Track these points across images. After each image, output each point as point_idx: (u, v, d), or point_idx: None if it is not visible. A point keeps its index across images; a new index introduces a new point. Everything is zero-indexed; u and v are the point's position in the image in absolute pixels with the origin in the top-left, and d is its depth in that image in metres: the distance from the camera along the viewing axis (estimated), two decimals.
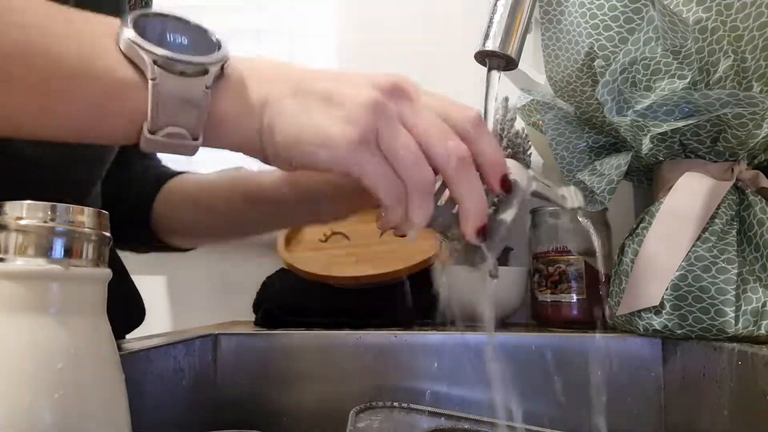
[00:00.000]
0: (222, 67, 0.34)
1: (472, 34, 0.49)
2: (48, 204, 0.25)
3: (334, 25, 1.02)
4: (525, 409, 0.58)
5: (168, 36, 0.33)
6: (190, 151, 0.34)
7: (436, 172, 0.35)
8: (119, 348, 0.28)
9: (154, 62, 0.31)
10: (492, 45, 0.45)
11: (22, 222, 0.25)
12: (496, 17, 0.46)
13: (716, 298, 0.55)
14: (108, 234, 0.27)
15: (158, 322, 0.93)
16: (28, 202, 0.25)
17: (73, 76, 0.31)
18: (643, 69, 0.59)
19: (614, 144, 0.69)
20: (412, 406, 0.56)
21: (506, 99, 0.84)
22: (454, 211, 0.37)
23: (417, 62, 0.98)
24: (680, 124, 0.57)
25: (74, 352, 0.25)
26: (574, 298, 0.74)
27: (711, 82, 0.57)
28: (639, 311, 0.59)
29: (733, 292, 0.55)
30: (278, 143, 0.34)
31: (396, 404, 0.56)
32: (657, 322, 0.58)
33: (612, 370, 0.61)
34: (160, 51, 0.31)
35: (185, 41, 0.33)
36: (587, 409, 0.60)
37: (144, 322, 0.61)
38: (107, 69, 0.31)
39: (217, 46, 0.34)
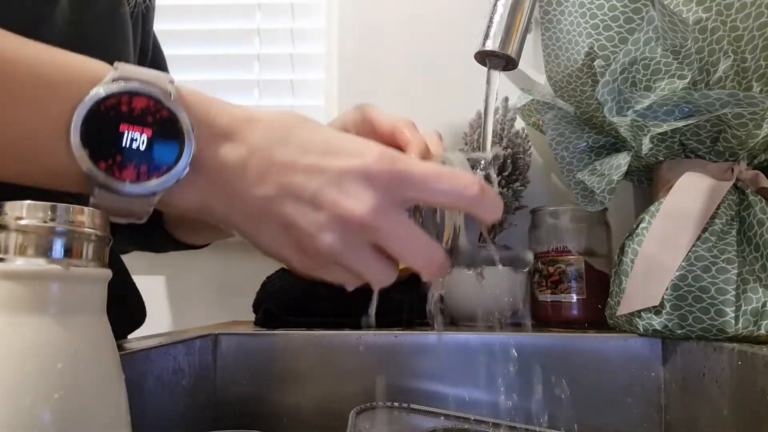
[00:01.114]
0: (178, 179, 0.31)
1: (472, 35, 0.49)
2: (48, 204, 0.25)
3: (334, 25, 1.02)
4: (525, 409, 0.58)
5: (123, 138, 0.29)
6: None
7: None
8: (119, 348, 0.28)
9: (97, 184, 0.29)
10: (492, 45, 0.45)
11: (22, 222, 0.25)
12: (496, 17, 0.46)
13: (716, 298, 0.55)
14: (108, 234, 0.27)
15: (158, 322, 0.93)
16: (28, 202, 0.25)
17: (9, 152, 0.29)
18: (643, 69, 0.59)
19: (614, 144, 0.69)
20: (413, 406, 0.56)
21: (506, 99, 0.84)
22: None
23: (417, 62, 0.98)
24: (680, 124, 0.57)
25: (74, 352, 0.25)
26: (574, 298, 0.74)
27: (711, 82, 0.57)
28: (639, 311, 0.59)
29: (733, 292, 0.55)
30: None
31: (396, 404, 0.56)
32: (657, 322, 0.58)
33: (612, 370, 0.61)
34: (107, 181, 0.29)
35: (143, 142, 0.29)
36: (587, 409, 0.60)
37: (144, 322, 0.61)
38: (51, 160, 0.29)
39: (182, 143, 0.30)
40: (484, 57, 0.47)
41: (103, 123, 0.29)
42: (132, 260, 0.60)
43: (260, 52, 1.03)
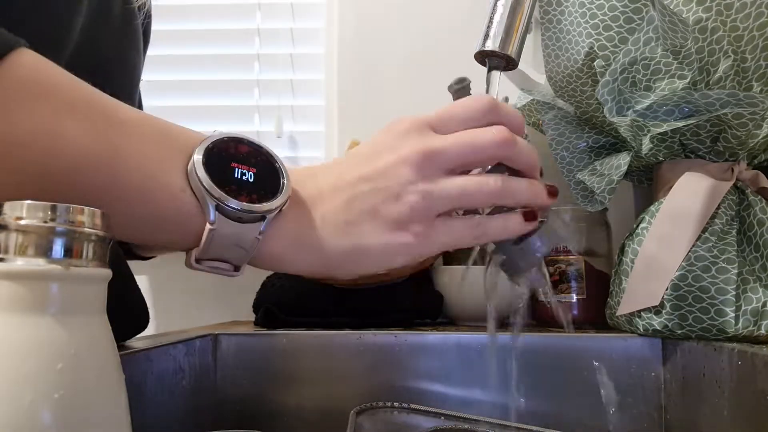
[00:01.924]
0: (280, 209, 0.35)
1: (471, 35, 0.49)
2: (48, 204, 0.25)
3: (334, 25, 1.02)
4: (525, 409, 0.58)
5: (235, 172, 0.34)
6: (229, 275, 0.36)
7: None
8: (119, 348, 0.28)
9: (217, 207, 0.32)
10: (492, 45, 0.45)
11: (22, 222, 0.25)
12: (496, 17, 0.46)
13: (716, 298, 0.55)
14: (108, 234, 0.27)
15: (158, 322, 0.93)
16: (28, 201, 0.25)
17: (133, 193, 0.32)
18: (643, 69, 0.59)
19: (614, 144, 0.69)
20: (413, 406, 0.56)
21: (506, 99, 0.84)
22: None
23: (417, 62, 0.98)
24: (680, 124, 0.57)
25: (74, 352, 0.25)
26: (574, 298, 0.74)
27: (711, 82, 0.57)
28: (639, 311, 0.59)
29: (733, 292, 0.55)
30: (338, 275, 0.37)
31: (396, 404, 0.56)
32: (657, 322, 0.58)
33: (612, 370, 0.61)
34: (225, 198, 0.32)
35: (251, 177, 0.34)
36: (587, 409, 0.60)
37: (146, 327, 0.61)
38: (168, 196, 0.32)
39: (281, 178, 0.35)
40: (484, 57, 0.47)
41: (218, 160, 0.33)
42: (132, 260, 0.60)
43: (260, 52, 1.03)
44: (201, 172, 0.32)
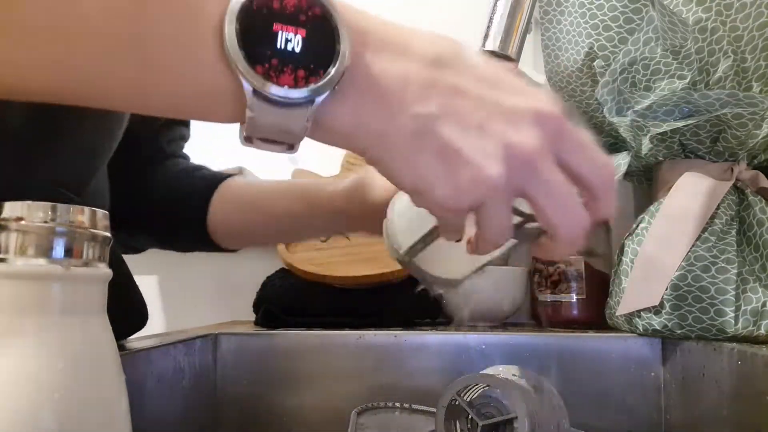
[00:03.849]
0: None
1: (471, 35, 0.49)
2: (48, 204, 0.25)
3: None
4: None
5: (278, 39, 0.27)
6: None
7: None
8: (119, 348, 0.28)
9: (254, 92, 0.27)
10: (492, 45, 0.45)
11: (23, 222, 0.25)
12: (496, 17, 0.46)
13: (716, 298, 0.55)
14: (108, 234, 0.27)
15: (158, 322, 0.93)
16: (29, 202, 0.25)
17: (167, 75, 0.28)
18: (643, 69, 0.59)
19: (614, 144, 0.69)
20: (414, 406, 0.56)
21: None
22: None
23: None
24: (680, 124, 0.57)
25: (74, 352, 0.25)
26: (574, 298, 0.74)
27: (711, 82, 0.57)
28: (639, 311, 0.59)
29: (733, 292, 0.55)
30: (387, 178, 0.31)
31: (397, 404, 0.56)
32: (657, 322, 0.58)
33: (612, 370, 0.61)
34: (262, 84, 0.27)
35: (298, 43, 0.27)
36: (587, 409, 0.60)
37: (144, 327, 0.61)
38: (204, 74, 0.28)
39: (336, 44, 0.28)
40: None
41: (257, 23, 0.27)
42: (132, 260, 0.60)
43: None
44: (233, 48, 0.26)
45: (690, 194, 0.59)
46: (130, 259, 0.60)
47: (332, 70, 0.27)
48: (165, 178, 0.61)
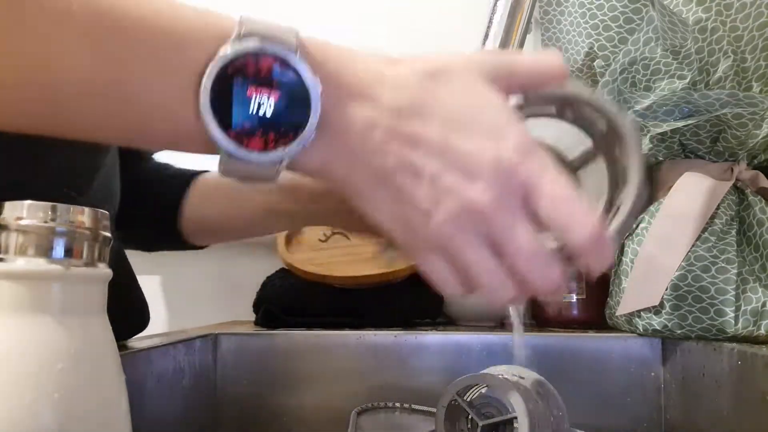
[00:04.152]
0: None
1: (471, 35, 0.49)
2: (48, 204, 0.25)
3: (334, 22, 1.02)
4: None
5: (251, 103, 0.28)
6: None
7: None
8: (119, 348, 0.28)
9: (224, 153, 0.28)
10: (492, 45, 0.45)
11: (23, 222, 0.25)
12: (496, 17, 0.46)
13: (716, 298, 0.55)
14: (108, 234, 0.27)
15: (158, 322, 0.93)
16: (29, 202, 0.25)
17: (141, 121, 0.29)
18: (643, 69, 0.59)
19: None
20: (414, 406, 0.56)
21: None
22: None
23: None
24: (680, 124, 0.57)
25: (74, 352, 0.25)
26: (574, 298, 0.74)
27: (711, 82, 0.57)
28: (639, 311, 0.59)
29: (733, 292, 0.55)
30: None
31: (397, 405, 0.56)
32: (657, 322, 0.58)
33: (612, 370, 0.61)
34: (233, 149, 0.28)
35: (270, 106, 0.28)
36: (587, 409, 0.60)
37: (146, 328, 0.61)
38: (177, 125, 0.29)
39: (309, 106, 0.29)
40: None
41: (231, 87, 0.28)
42: (133, 260, 0.60)
43: None
44: (207, 115, 0.27)
45: (690, 194, 0.59)
46: (130, 260, 0.60)
47: (303, 132, 0.28)
48: (138, 178, 0.60)
